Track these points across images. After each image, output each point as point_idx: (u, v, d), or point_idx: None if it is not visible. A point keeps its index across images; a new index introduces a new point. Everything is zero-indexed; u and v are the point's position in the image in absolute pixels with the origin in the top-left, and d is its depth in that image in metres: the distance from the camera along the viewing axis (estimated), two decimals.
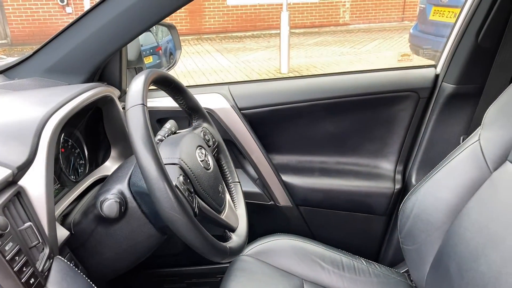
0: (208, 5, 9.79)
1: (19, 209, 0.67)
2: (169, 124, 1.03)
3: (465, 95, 1.25)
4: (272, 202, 1.36)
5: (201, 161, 0.89)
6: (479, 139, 1.02)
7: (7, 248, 0.61)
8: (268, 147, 1.35)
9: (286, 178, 1.36)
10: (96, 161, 1.09)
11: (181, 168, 0.82)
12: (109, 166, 1.08)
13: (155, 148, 0.72)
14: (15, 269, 0.61)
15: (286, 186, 1.35)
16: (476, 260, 0.91)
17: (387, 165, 1.38)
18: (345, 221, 1.39)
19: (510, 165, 0.94)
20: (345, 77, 1.36)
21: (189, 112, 1.05)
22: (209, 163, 0.92)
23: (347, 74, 1.36)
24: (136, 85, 0.79)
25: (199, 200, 0.83)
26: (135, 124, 0.73)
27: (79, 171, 1.03)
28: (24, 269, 0.62)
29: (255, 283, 1.08)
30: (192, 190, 0.82)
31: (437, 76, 1.30)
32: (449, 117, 1.28)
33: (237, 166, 1.37)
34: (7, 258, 0.60)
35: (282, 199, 1.35)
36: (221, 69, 6.62)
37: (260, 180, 1.35)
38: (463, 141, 1.09)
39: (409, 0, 10.82)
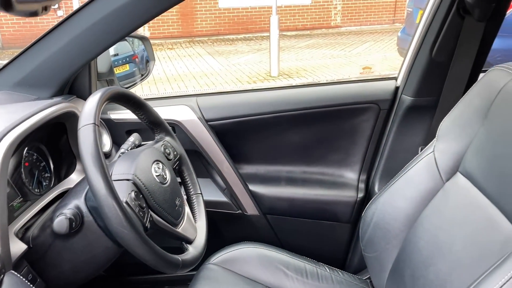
0: (200, 8, 9.82)
1: None
2: (133, 138, 1.06)
3: (422, 107, 1.29)
4: (239, 211, 1.40)
5: (157, 175, 0.93)
6: (433, 151, 1.07)
7: None
8: (236, 157, 1.39)
9: (254, 187, 1.39)
10: (62, 174, 1.12)
11: (134, 183, 0.85)
12: (75, 179, 1.11)
13: (104, 166, 0.76)
14: None
15: (254, 195, 1.39)
16: (427, 268, 0.95)
17: (351, 174, 1.42)
18: (311, 228, 1.43)
19: (460, 177, 0.98)
20: (310, 89, 1.40)
21: (151, 126, 1.08)
22: (165, 177, 0.95)
23: (311, 87, 1.41)
24: (90, 104, 0.82)
25: (153, 214, 0.87)
26: (86, 143, 0.77)
27: (44, 184, 1.06)
28: None
29: None
30: (145, 205, 0.85)
31: (397, 88, 1.35)
32: (408, 128, 1.32)
33: (205, 176, 1.40)
34: None
35: (250, 208, 1.39)
36: (211, 72, 6.66)
37: (228, 190, 1.38)
38: (421, 151, 1.13)
39: (400, 3, 10.90)
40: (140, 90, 5.56)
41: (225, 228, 1.43)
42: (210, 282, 1.15)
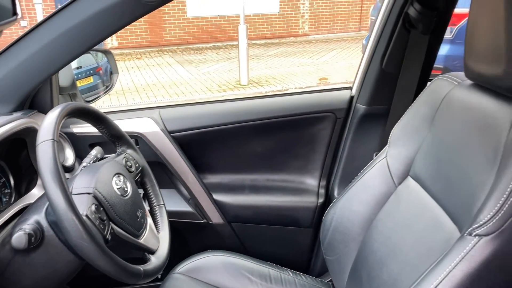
0: (169, 17, 9.81)
1: None
2: (95, 151, 1.08)
3: (375, 115, 1.36)
4: (204, 220, 1.43)
5: (118, 188, 0.95)
6: (386, 156, 1.13)
7: None
8: (200, 167, 1.42)
9: (218, 196, 1.42)
10: (23, 190, 1.12)
11: (95, 197, 0.87)
12: (36, 194, 1.11)
13: (63, 181, 0.77)
14: None
15: (218, 204, 1.42)
16: (381, 268, 1.00)
17: (311, 181, 1.47)
18: (275, 234, 1.47)
19: (411, 180, 1.04)
20: (270, 100, 1.45)
21: (112, 139, 1.10)
22: (126, 190, 0.97)
23: (271, 97, 1.46)
24: (48, 120, 0.84)
25: (114, 226, 0.88)
26: (44, 159, 0.78)
27: (4, 200, 1.05)
28: None
29: None
30: (105, 217, 0.87)
31: (352, 97, 1.42)
32: (363, 135, 1.39)
33: (170, 187, 1.42)
34: None
35: (214, 217, 1.42)
36: (181, 82, 6.66)
37: (193, 200, 1.41)
38: (375, 157, 1.19)
39: (366, 11, 11.22)
40: (108, 101, 5.50)
41: (191, 238, 1.45)
42: None
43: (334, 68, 7.35)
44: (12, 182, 1.09)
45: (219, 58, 8.56)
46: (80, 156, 1.31)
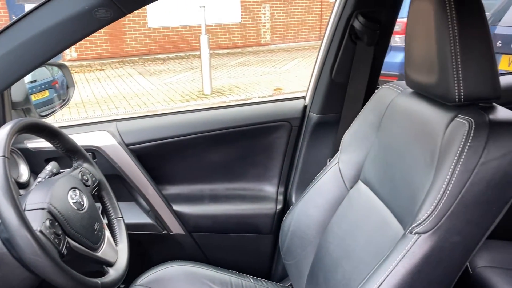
0: (129, 28, 9.69)
1: None
2: (50, 166, 1.07)
3: (327, 123, 1.43)
4: (165, 231, 1.43)
5: (74, 202, 0.95)
6: (338, 162, 1.19)
7: None
8: (158, 179, 1.43)
9: (178, 207, 1.44)
10: None
11: (50, 212, 0.87)
12: None
13: (15, 198, 0.77)
14: None
15: (178, 215, 1.43)
16: (336, 269, 1.05)
17: (269, 188, 1.51)
18: (236, 242, 1.49)
19: (361, 184, 1.10)
20: (227, 110, 1.48)
21: (68, 154, 1.10)
22: (82, 204, 0.97)
23: (228, 108, 1.49)
24: (2, 133, 0.84)
25: (70, 240, 0.88)
26: None
27: None
28: None
29: None
30: (61, 232, 0.87)
31: (305, 107, 1.47)
32: (317, 143, 1.45)
33: (129, 200, 1.43)
34: None
35: (175, 227, 1.43)
36: (143, 93, 6.59)
37: (152, 211, 1.42)
38: (329, 163, 1.24)
39: (325, 20, 11.51)
40: (68, 114, 5.38)
41: (152, 249, 1.46)
42: None
43: (296, 76, 7.49)
44: None
45: (182, 68, 8.53)
46: (35, 171, 1.29)
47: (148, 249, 1.46)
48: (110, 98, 6.33)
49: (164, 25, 10.00)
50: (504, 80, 1.52)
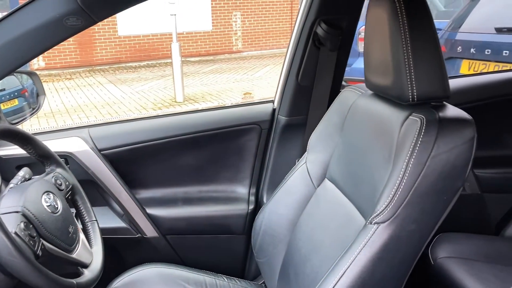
0: (99, 36, 9.58)
1: None
2: (23, 172, 1.08)
3: (295, 125, 1.49)
4: (139, 235, 1.46)
5: (48, 205, 0.97)
6: (306, 162, 1.24)
7: None
8: (132, 183, 1.45)
9: (151, 210, 1.46)
10: None
11: (24, 215, 0.89)
12: None
13: None
14: None
15: (152, 218, 1.46)
16: (305, 264, 1.10)
17: (241, 189, 1.56)
18: (210, 243, 1.53)
19: (328, 182, 1.16)
20: (198, 114, 1.52)
21: (41, 159, 1.11)
22: (57, 207, 0.99)
23: (199, 112, 1.54)
24: None
25: (45, 242, 0.90)
26: None
27: None
28: None
29: None
30: (35, 234, 0.89)
31: (274, 110, 1.53)
32: (286, 144, 1.51)
33: (102, 204, 1.44)
34: None
35: (149, 230, 1.45)
36: (114, 101, 6.52)
37: (126, 215, 1.44)
38: (297, 163, 1.30)
39: None
40: (36, 124, 5.27)
41: (126, 253, 1.47)
42: None
43: (269, 83, 7.58)
44: None
45: (153, 76, 8.50)
46: (6, 179, 1.29)
47: (123, 252, 1.47)
48: (81, 107, 6.24)
49: (134, 33, 9.94)
50: (459, 82, 1.63)
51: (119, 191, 1.40)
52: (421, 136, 0.84)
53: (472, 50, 4.23)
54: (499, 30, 4.02)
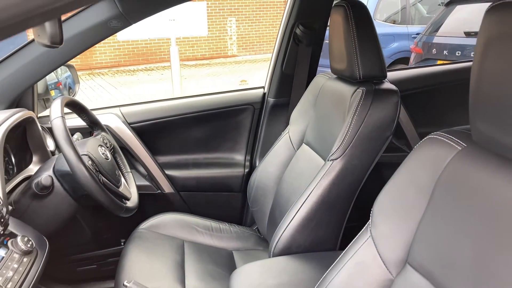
0: None
1: None
2: (76, 135, 1.48)
3: (280, 105, 1.89)
4: (159, 191, 1.85)
5: (102, 154, 1.36)
6: (288, 132, 1.64)
7: None
8: (154, 150, 1.85)
9: (169, 172, 1.86)
10: (22, 166, 1.49)
11: (89, 157, 1.29)
12: (32, 168, 1.48)
13: (74, 144, 1.18)
14: None
15: (169, 178, 1.85)
16: (286, 204, 1.48)
17: (239, 156, 1.96)
18: (214, 199, 1.92)
19: (304, 145, 1.55)
20: (205, 97, 1.92)
21: (91, 125, 1.51)
22: (107, 156, 1.39)
23: (206, 96, 1.93)
24: (55, 105, 1.25)
25: (102, 176, 1.30)
26: (58, 130, 1.18)
27: (10, 173, 1.41)
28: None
29: (148, 244, 1.51)
30: (97, 169, 1.28)
31: (264, 94, 1.94)
32: (274, 120, 1.91)
33: (130, 168, 1.83)
34: None
35: (167, 188, 1.85)
36: (114, 103, 6.87)
37: (149, 175, 1.83)
38: (282, 134, 1.69)
39: None
40: None
41: (149, 205, 1.86)
42: (141, 240, 1.55)
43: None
44: (13, 160, 1.45)
45: (152, 79, 8.82)
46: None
47: (145, 205, 1.86)
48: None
49: (133, 38, 10.27)
50: (410, 72, 2.04)
51: (144, 156, 1.79)
52: (361, 101, 1.25)
53: (445, 52, 4.66)
54: (468, 34, 4.45)
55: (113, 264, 1.86)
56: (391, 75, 1.96)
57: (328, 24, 1.79)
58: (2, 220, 1.01)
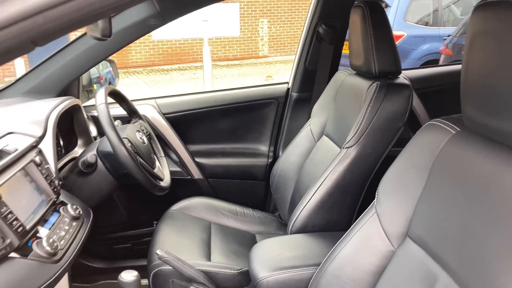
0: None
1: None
2: (116, 122, 1.65)
3: (303, 100, 2.01)
4: (189, 177, 2.00)
5: (140, 138, 1.52)
6: (310, 125, 1.75)
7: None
8: (186, 139, 2.00)
9: (198, 159, 2.01)
10: (70, 148, 1.67)
11: (128, 140, 1.45)
12: (77, 151, 1.66)
13: (115, 128, 1.34)
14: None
15: (199, 165, 2.00)
16: (305, 190, 1.60)
17: (263, 147, 2.09)
18: (239, 186, 2.06)
19: (325, 137, 1.66)
20: (233, 91, 2.07)
21: (130, 113, 1.68)
22: (144, 140, 1.55)
23: (234, 90, 2.07)
24: (100, 93, 1.41)
25: (139, 158, 1.46)
26: (103, 114, 1.34)
27: (59, 154, 1.59)
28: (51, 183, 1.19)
29: (178, 223, 1.65)
30: (135, 151, 1.44)
31: (288, 89, 2.06)
32: (297, 113, 2.03)
33: (164, 154, 1.99)
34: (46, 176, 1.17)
35: (196, 174, 2.00)
36: None
37: (180, 162, 1.98)
38: (304, 126, 1.81)
39: None
40: None
41: (180, 189, 2.01)
42: (172, 220, 1.69)
43: None
44: (61, 143, 1.63)
45: (184, 78, 9.05)
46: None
47: (177, 189, 2.00)
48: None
49: (167, 38, 10.54)
50: (427, 71, 2.11)
51: (176, 144, 1.95)
52: (376, 94, 1.35)
53: None
54: None
55: (146, 243, 2.01)
56: (413, 72, 2.04)
57: None
58: (55, 189, 1.18)
